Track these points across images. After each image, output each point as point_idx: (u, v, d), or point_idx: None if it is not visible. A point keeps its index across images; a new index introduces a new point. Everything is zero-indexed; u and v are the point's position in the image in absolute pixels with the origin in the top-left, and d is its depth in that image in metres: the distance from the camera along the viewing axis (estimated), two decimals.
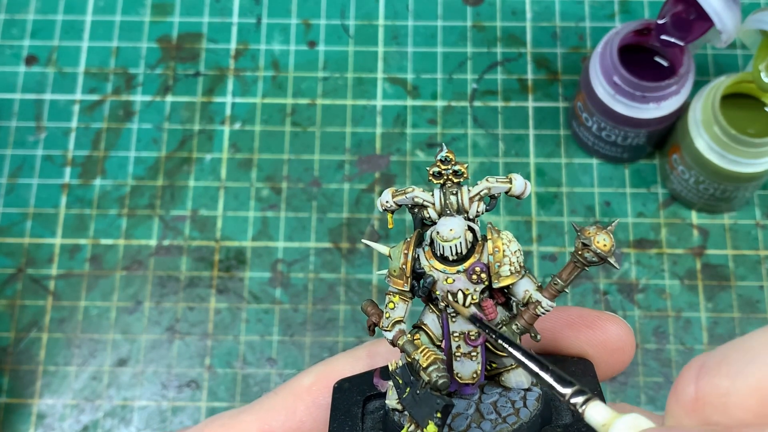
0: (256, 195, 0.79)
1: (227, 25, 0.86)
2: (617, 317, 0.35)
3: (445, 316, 0.32)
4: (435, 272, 0.31)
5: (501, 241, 0.31)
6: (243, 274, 0.77)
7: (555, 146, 0.80)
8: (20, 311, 0.76)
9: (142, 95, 0.83)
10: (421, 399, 0.30)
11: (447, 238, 0.31)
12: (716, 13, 0.65)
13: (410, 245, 0.32)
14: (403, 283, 0.32)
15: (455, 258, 0.31)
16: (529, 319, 0.31)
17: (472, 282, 0.31)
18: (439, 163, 0.32)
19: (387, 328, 0.32)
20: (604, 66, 0.71)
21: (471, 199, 0.32)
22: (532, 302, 0.31)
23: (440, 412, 0.29)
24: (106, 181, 0.80)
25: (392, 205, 0.32)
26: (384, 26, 0.85)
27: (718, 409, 0.21)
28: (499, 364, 0.33)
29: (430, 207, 0.32)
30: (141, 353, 0.75)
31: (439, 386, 0.29)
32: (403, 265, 0.31)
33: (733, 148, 0.68)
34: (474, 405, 0.32)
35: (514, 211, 0.78)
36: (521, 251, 0.32)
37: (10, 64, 0.85)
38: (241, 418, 0.34)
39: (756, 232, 0.77)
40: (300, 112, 0.82)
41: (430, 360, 0.30)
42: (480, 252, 0.32)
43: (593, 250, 0.30)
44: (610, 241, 0.30)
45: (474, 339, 0.32)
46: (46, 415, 0.73)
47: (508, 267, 0.31)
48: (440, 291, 0.31)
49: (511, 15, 0.85)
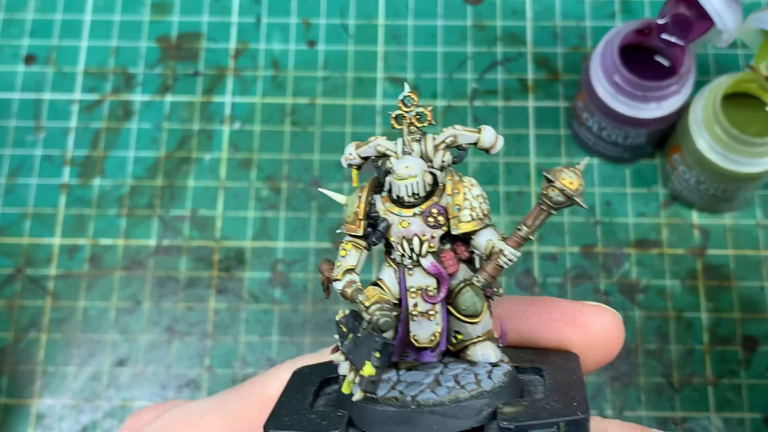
0: (255, 195, 0.79)
1: (227, 25, 0.86)
2: (601, 308, 0.33)
3: (402, 270, 0.30)
4: (390, 216, 0.29)
5: (462, 184, 0.29)
6: (243, 274, 0.76)
7: (555, 146, 0.80)
8: (19, 311, 0.76)
9: (141, 95, 0.83)
10: (362, 342, 0.28)
11: (402, 175, 0.29)
12: (717, 12, 0.65)
13: (365, 188, 0.30)
14: (356, 228, 0.29)
15: (412, 200, 0.29)
16: (492, 271, 0.29)
17: (429, 225, 0.29)
18: (401, 105, 0.30)
19: (337, 277, 0.30)
20: (604, 65, 0.71)
21: (436, 147, 0.30)
22: (495, 252, 0.29)
23: (379, 351, 0.27)
24: (106, 181, 0.80)
25: (356, 157, 0.30)
26: (384, 26, 0.85)
27: None
28: (464, 334, 0.30)
29: (393, 156, 0.30)
30: (140, 353, 0.74)
31: (380, 325, 0.27)
32: (357, 208, 0.29)
33: (734, 148, 0.68)
34: (433, 376, 0.30)
35: (514, 211, 0.78)
36: (485, 198, 0.30)
37: (8, 63, 0.84)
38: (208, 421, 0.33)
39: (757, 232, 0.77)
40: (300, 112, 0.82)
41: (374, 299, 0.28)
42: (440, 195, 0.29)
43: (558, 187, 0.28)
44: (578, 179, 0.28)
45: (432, 295, 0.29)
46: (45, 416, 0.73)
47: (469, 212, 0.29)
48: (395, 237, 0.29)
49: (512, 14, 0.85)
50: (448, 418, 0.27)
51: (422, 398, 0.28)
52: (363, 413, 0.28)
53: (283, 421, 0.28)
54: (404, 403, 0.28)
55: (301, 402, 0.30)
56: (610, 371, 0.72)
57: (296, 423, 0.28)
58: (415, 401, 0.28)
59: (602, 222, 0.77)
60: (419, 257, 0.29)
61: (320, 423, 0.28)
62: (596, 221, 0.77)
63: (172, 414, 0.34)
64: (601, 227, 0.77)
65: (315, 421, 0.28)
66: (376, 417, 0.28)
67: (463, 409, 0.27)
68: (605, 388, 0.72)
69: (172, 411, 0.35)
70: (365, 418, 0.28)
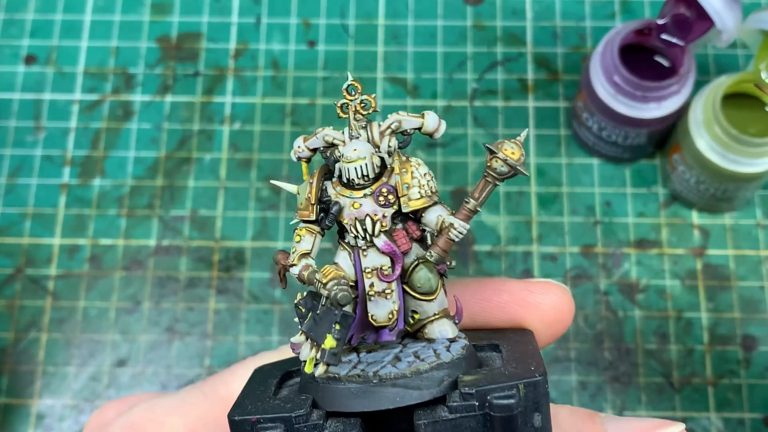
0: (255, 195, 0.79)
1: (227, 25, 0.86)
2: (549, 284, 0.33)
3: (356, 252, 0.31)
4: (342, 199, 0.30)
5: (409, 163, 0.30)
6: (242, 274, 0.76)
7: (555, 146, 0.80)
8: (19, 311, 0.76)
9: (141, 95, 0.83)
10: (321, 318, 0.28)
11: (351, 158, 0.30)
12: (717, 12, 0.65)
13: (315, 175, 0.31)
14: (309, 213, 0.30)
15: (362, 182, 0.30)
16: (444, 245, 0.30)
17: (380, 205, 0.30)
18: (345, 93, 0.31)
19: (293, 262, 0.30)
20: (604, 66, 0.71)
21: (382, 133, 0.31)
22: (445, 227, 0.30)
23: (338, 323, 0.28)
24: (106, 181, 0.80)
25: (304, 150, 0.31)
26: (384, 26, 0.85)
27: None
28: (421, 313, 0.31)
29: (341, 144, 0.31)
30: (140, 354, 0.74)
31: (338, 299, 0.28)
32: (308, 194, 0.30)
33: (734, 148, 0.68)
34: (393, 354, 0.30)
35: (514, 211, 0.78)
36: (432, 176, 0.31)
37: (9, 63, 0.84)
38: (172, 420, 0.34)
39: (757, 232, 0.77)
40: (300, 112, 0.82)
41: (330, 275, 0.29)
42: (388, 176, 0.30)
43: (501, 157, 0.29)
44: (519, 149, 0.30)
45: (387, 274, 0.30)
46: (45, 416, 0.73)
47: (418, 189, 0.30)
48: (347, 219, 0.30)
49: (512, 14, 0.85)
50: (410, 389, 0.28)
51: (383, 372, 0.28)
52: (326, 393, 0.29)
53: (247, 409, 0.29)
54: (366, 379, 0.28)
55: (264, 392, 0.30)
56: (610, 371, 0.72)
57: (260, 409, 0.28)
58: (377, 376, 0.28)
59: (602, 222, 0.77)
60: (372, 237, 0.30)
61: (284, 406, 0.28)
62: (596, 221, 0.77)
63: (138, 409, 0.35)
64: (601, 227, 0.77)
65: (279, 405, 0.28)
66: (339, 395, 0.28)
67: (424, 379, 0.28)
68: (605, 388, 0.72)
69: (138, 406, 0.35)
70: (329, 397, 0.28)
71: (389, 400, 0.28)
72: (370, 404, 0.28)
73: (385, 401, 0.28)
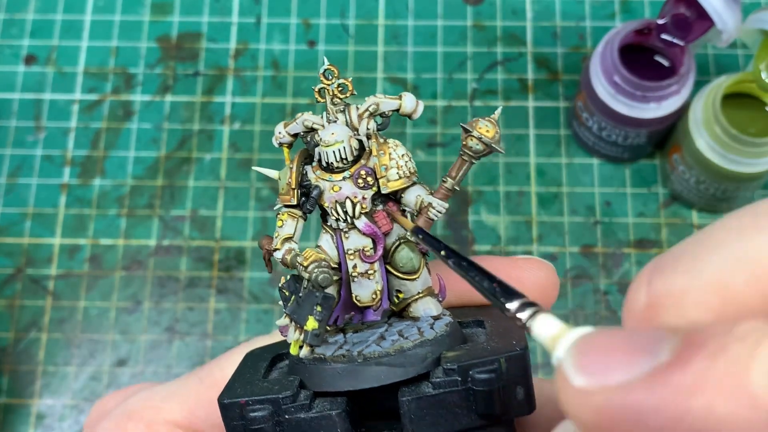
0: (255, 195, 0.79)
1: (227, 25, 0.86)
2: (533, 260, 0.33)
3: (339, 234, 0.31)
4: (321, 182, 0.31)
5: (387, 145, 0.31)
6: (243, 274, 0.76)
7: (555, 146, 0.80)
8: (19, 311, 0.76)
9: (141, 95, 0.83)
10: (304, 300, 0.29)
11: (329, 142, 0.30)
12: (717, 12, 0.65)
13: (295, 160, 0.31)
14: (290, 198, 0.31)
15: (341, 165, 0.30)
16: (424, 224, 0.30)
17: (359, 187, 0.30)
18: (322, 78, 0.31)
19: (276, 247, 0.31)
20: (604, 65, 0.71)
21: (360, 116, 0.31)
22: (424, 207, 0.30)
23: (320, 305, 0.29)
24: (106, 181, 0.80)
25: (285, 135, 0.32)
26: (384, 26, 0.85)
27: (672, 312, 0.17)
28: (405, 292, 0.32)
29: (320, 128, 0.31)
30: (140, 353, 0.74)
31: (319, 282, 0.29)
32: (289, 179, 0.31)
33: (734, 148, 0.68)
34: (378, 334, 0.31)
35: (514, 211, 0.78)
36: (410, 157, 0.31)
37: (9, 63, 0.84)
38: (169, 405, 0.34)
39: None
40: (300, 112, 0.82)
41: (311, 259, 0.29)
42: (367, 158, 0.31)
43: (476, 136, 0.30)
44: (494, 127, 0.30)
45: (370, 255, 0.31)
46: (45, 416, 0.73)
47: (396, 171, 0.30)
48: (328, 202, 0.31)
49: (512, 14, 0.85)
50: (394, 367, 0.28)
51: (368, 351, 0.29)
52: (313, 374, 0.29)
53: (237, 392, 0.29)
54: (351, 359, 0.29)
55: (254, 375, 0.31)
56: None
57: (249, 392, 0.29)
58: (362, 355, 0.29)
59: (602, 222, 0.77)
60: (353, 219, 0.30)
61: (272, 388, 0.29)
62: (596, 221, 0.77)
63: (137, 397, 0.35)
64: (601, 227, 0.77)
65: (267, 387, 0.29)
66: (325, 376, 0.29)
67: (408, 357, 0.28)
68: None
69: (137, 395, 0.35)
70: (315, 378, 0.29)
71: (374, 378, 0.28)
72: (355, 383, 0.28)
73: (371, 380, 0.28)
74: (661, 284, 0.18)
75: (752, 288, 0.17)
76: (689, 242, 0.18)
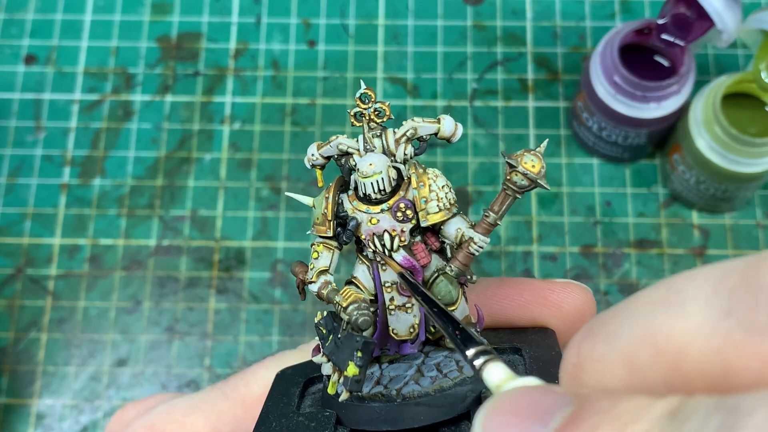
0: (255, 195, 0.79)
1: (227, 25, 0.86)
2: (571, 284, 0.33)
3: (375, 266, 0.30)
4: (359, 214, 0.29)
5: (426, 176, 0.30)
6: (243, 274, 0.76)
7: (555, 146, 0.80)
8: (19, 311, 0.76)
9: (141, 95, 0.83)
10: (343, 343, 0.28)
11: (367, 173, 0.29)
12: (717, 12, 0.65)
13: (331, 189, 0.30)
14: (325, 229, 0.30)
15: (379, 197, 0.29)
16: (464, 259, 0.30)
17: (398, 220, 0.29)
18: (359, 102, 0.30)
19: (312, 279, 0.30)
20: (604, 65, 0.71)
21: (397, 141, 0.30)
22: (465, 240, 0.29)
23: (360, 350, 0.27)
24: (106, 181, 0.80)
25: (318, 158, 0.31)
26: (384, 26, 0.85)
27: (593, 376, 0.18)
28: None
29: (356, 153, 0.30)
30: (140, 353, 0.74)
31: (359, 324, 0.28)
32: (324, 209, 0.30)
33: (734, 148, 0.68)
34: (416, 367, 0.30)
35: (514, 211, 0.78)
36: (450, 187, 0.30)
37: (9, 63, 0.84)
38: (192, 419, 0.34)
39: (757, 232, 0.77)
40: (300, 112, 0.82)
41: (350, 299, 0.28)
42: (406, 189, 0.30)
43: (521, 171, 0.29)
44: (539, 162, 0.29)
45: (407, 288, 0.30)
46: (45, 416, 0.73)
47: (436, 203, 0.29)
48: (365, 234, 0.29)
49: (512, 14, 0.85)
50: (435, 407, 0.27)
51: (407, 391, 0.28)
52: (350, 412, 0.28)
53: (272, 426, 0.28)
54: (390, 398, 0.28)
55: (287, 405, 0.30)
56: None
57: (285, 428, 0.28)
58: (400, 395, 0.28)
59: (602, 222, 0.77)
60: (391, 252, 0.29)
61: (309, 425, 0.28)
62: (596, 221, 0.77)
63: (158, 410, 0.35)
64: (601, 227, 0.77)
65: (303, 423, 0.28)
66: (363, 414, 0.28)
67: (448, 397, 0.28)
68: None
69: (158, 407, 0.35)
70: (353, 416, 0.28)
71: (414, 419, 0.27)
72: (395, 424, 0.27)
73: (410, 421, 0.27)
74: (585, 347, 0.19)
75: (655, 361, 0.17)
76: (615, 309, 0.19)
